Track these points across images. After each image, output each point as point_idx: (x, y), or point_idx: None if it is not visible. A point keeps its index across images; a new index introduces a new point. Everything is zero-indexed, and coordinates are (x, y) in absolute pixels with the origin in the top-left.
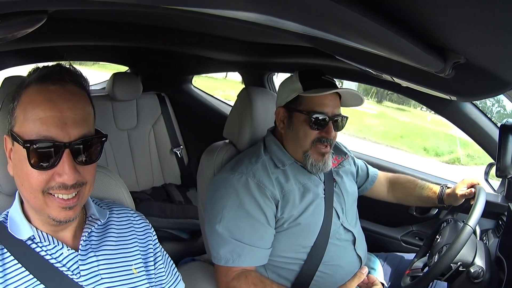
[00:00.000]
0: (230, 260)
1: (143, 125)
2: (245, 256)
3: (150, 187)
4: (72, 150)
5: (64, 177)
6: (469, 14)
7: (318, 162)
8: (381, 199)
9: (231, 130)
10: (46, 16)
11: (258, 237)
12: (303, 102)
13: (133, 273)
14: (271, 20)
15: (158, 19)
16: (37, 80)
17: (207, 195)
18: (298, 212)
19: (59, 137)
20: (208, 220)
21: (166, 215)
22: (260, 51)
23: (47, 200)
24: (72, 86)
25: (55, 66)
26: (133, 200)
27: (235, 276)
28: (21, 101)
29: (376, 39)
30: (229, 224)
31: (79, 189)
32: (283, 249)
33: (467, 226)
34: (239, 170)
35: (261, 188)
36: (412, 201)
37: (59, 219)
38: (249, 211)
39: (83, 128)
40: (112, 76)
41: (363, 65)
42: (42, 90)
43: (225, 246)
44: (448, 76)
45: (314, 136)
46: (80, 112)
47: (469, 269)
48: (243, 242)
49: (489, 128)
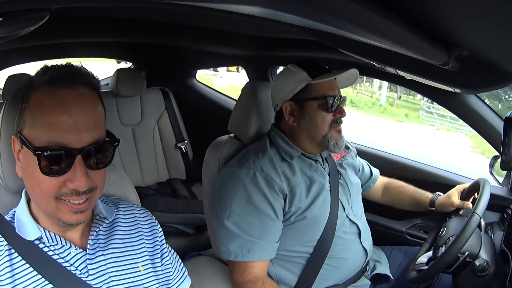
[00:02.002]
0: (239, 254)
1: (148, 120)
2: (254, 251)
3: (155, 182)
4: (84, 156)
5: (76, 183)
6: (473, 6)
7: (338, 140)
8: (375, 201)
9: (235, 124)
10: (49, 13)
11: (267, 232)
12: (314, 90)
13: (140, 270)
14: (275, 14)
15: (161, 14)
16: (47, 83)
17: (214, 190)
18: (305, 205)
19: (72, 143)
20: (216, 215)
21: (171, 210)
22: (264, 45)
23: (59, 205)
24: (83, 89)
25: (65, 68)
26: (139, 196)
27: (252, 278)
28: (30, 104)
29: (380, 31)
30: (237, 219)
31: (90, 194)
32: (289, 243)
33: (475, 214)
34: (246, 165)
35: (269, 183)
36: (404, 205)
37: (70, 222)
38: (257, 206)
39: (96, 133)
40: (116, 72)
41: (367, 58)
42: (52, 94)
43: (234, 241)
44: (452, 68)
45: (330, 119)
46: (92, 116)
47: (474, 262)
48: (252, 237)
49: (493, 121)
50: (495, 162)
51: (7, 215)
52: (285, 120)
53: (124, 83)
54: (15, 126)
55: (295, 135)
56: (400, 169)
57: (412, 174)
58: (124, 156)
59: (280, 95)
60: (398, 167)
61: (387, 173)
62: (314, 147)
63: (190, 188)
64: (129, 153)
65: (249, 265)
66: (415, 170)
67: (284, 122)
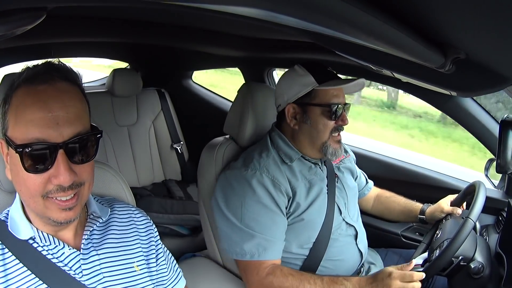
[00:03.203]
0: (255, 254)
1: (143, 121)
2: (270, 249)
3: (151, 183)
4: (67, 150)
5: (60, 178)
6: (469, 9)
7: (336, 149)
8: (365, 211)
9: (231, 126)
10: (45, 13)
11: (278, 230)
12: (319, 95)
13: (135, 271)
14: (271, 15)
15: (158, 15)
16: (25, 81)
17: (217, 191)
18: (303, 208)
19: (52, 138)
20: (225, 217)
21: (166, 211)
22: (260, 46)
23: (47, 203)
24: (62, 84)
25: (42, 65)
26: (134, 196)
27: (269, 271)
28: (12, 104)
29: (376, 34)
30: (249, 220)
31: (77, 190)
32: (286, 244)
33: (468, 219)
34: (251, 166)
35: (276, 184)
36: (394, 214)
37: (60, 220)
38: (267, 206)
39: (77, 126)
40: (112, 72)
41: (363, 60)
42: (31, 91)
43: (249, 241)
44: (448, 71)
45: (332, 126)
46: (72, 109)
47: (469, 265)
48: (266, 236)
49: (489, 124)
50: (491, 165)
51: (1, 214)
52: (287, 122)
53: (120, 83)
54: (2, 129)
55: (296, 138)
56: (397, 172)
57: (409, 177)
58: (120, 156)
59: (283, 96)
60: (395, 170)
61: (384, 176)
62: (314, 152)
63: (185, 189)
64: (124, 154)
65: (263, 262)
66: (412, 173)
67: (286, 124)
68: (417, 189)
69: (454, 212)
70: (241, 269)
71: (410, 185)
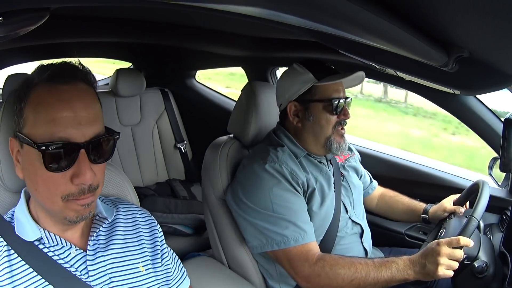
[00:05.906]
0: (299, 238)
1: (147, 120)
2: (309, 232)
3: (155, 183)
4: (87, 150)
5: (82, 177)
6: (473, 8)
7: (341, 143)
8: (369, 210)
9: (235, 125)
10: (49, 13)
11: (307, 215)
12: (319, 91)
13: (140, 271)
14: (275, 14)
15: (161, 15)
16: (48, 79)
17: (238, 190)
18: (316, 203)
19: (75, 138)
20: (255, 211)
21: (170, 211)
22: (263, 45)
23: (68, 204)
24: (83, 85)
25: (66, 65)
26: (138, 196)
27: (319, 256)
28: (29, 101)
29: (380, 33)
30: (281, 208)
31: (94, 193)
32: None
33: (472, 218)
34: (270, 159)
35: (294, 177)
36: (398, 213)
37: (74, 219)
38: (294, 193)
39: (97, 127)
40: (116, 72)
41: (367, 59)
42: (53, 90)
43: (287, 228)
44: (452, 70)
45: (335, 121)
46: (93, 110)
47: (473, 264)
48: (302, 219)
49: (492, 122)
50: (494, 164)
51: (5, 215)
52: (290, 120)
53: (123, 83)
54: (14, 126)
55: (300, 135)
56: (401, 171)
57: (413, 176)
58: (124, 156)
59: (284, 94)
60: (398, 169)
61: (388, 175)
62: (319, 148)
63: (189, 189)
64: (128, 154)
65: (309, 247)
66: (416, 172)
67: (289, 122)
68: (420, 187)
69: (457, 211)
70: (285, 262)
71: (413, 183)
